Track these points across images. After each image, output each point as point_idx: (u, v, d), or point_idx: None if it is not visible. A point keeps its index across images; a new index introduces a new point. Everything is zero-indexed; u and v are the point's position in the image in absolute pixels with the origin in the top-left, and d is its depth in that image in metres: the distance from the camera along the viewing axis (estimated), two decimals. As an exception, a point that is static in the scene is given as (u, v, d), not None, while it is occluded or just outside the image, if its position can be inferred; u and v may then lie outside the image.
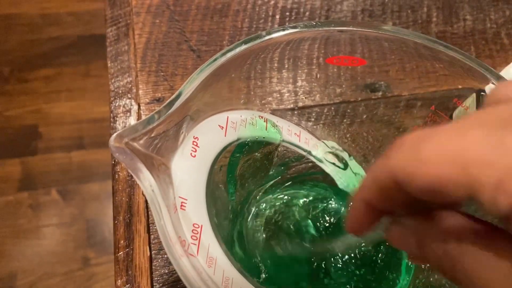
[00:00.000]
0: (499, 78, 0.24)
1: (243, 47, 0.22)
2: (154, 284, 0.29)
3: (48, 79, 1.16)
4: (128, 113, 0.35)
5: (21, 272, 0.90)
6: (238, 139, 0.26)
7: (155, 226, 0.32)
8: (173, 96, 0.21)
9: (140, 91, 0.36)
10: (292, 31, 0.23)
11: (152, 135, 0.20)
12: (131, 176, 0.33)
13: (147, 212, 0.32)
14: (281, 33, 0.23)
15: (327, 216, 0.29)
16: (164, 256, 0.30)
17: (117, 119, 0.35)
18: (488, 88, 0.27)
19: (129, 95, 0.36)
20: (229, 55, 0.23)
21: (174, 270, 0.30)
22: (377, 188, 0.15)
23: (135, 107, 0.36)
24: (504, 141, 0.11)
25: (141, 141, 0.19)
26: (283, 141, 0.29)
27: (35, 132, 1.08)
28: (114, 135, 0.18)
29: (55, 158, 1.05)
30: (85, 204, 1.00)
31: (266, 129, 0.28)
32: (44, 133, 1.08)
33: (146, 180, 0.18)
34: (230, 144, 0.26)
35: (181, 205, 0.21)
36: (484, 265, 0.12)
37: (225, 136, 0.25)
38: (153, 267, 0.30)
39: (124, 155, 0.18)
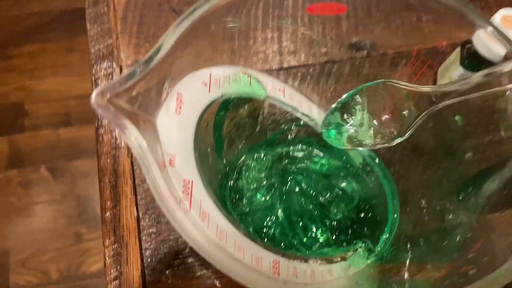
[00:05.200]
0: (489, 25, 0.24)
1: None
2: (143, 243, 0.30)
3: (32, 55, 1.13)
4: (110, 76, 0.35)
5: (14, 250, 0.90)
6: (222, 96, 0.26)
7: (142, 188, 0.32)
8: (152, 50, 0.20)
9: (122, 54, 0.35)
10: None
11: (134, 91, 0.19)
12: (116, 139, 0.33)
13: (133, 173, 0.32)
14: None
15: (316, 167, 0.30)
16: (152, 215, 0.30)
17: (99, 82, 0.34)
18: (476, 37, 0.27)
19: (110, 58, 0.35)
20: (207, 6, 0.22)
21: (162, 229, 0.30)
22: None
23: (117, 69, 0.35)
24: None
25: (124, 98, 0.18)
26: (268, 97, 0.29)
27: (21, 110, 1.06)
28: (95, 92, 0.17)
29: (42, 135, 1.04)
30: (75, 181, 0.99)
31: (250, 85, 0.27)
32: (30, 110, 1.07)
33: (132, 136, 0.17)
34: (214, 100, 0.25)
35: (170, 161, 0.21)
36: None
37: (209, 92, 0.25)
38: (140, 227, 0.30)
39: (108, 111, 0.17)
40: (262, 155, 0.30)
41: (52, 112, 1.06)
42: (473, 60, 0.32)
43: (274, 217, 0.27)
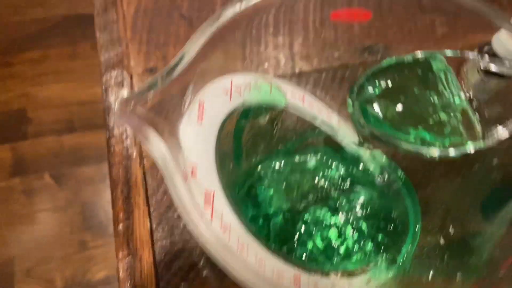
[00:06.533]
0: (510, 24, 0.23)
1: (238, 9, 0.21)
2: (156, 255, 0.29)
3: (34, 61, 1.13)
4: (121, 85, 0.34)
5: (18, 258, 0.90)
6: (243, 104, 0.25)
7: (154, 198, 0.31)
8: (175, 58, 0.20)
9: (132, 62, 0.35)
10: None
11: (157, 100, 0.19)
12: (127, 149, 0.32)
13: (145, 184, 0.31)
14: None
15: (334, 177, 0.29)
16: (165, 227, 0.30)
17: (110, 91, 0.34)
18: (496, 38, 0.26)
19: (120, 66, 0.35)
20: (225, 17, 0.22)
21: (176, 241, 0.30)
22: None
23: (128, 78, 0.34)
24: None
25: (147, 107, 0.18)
26: (288, 105, 0.28)
27: (24, 117, 1.06)
28: (119, 100, 0.17)
29: (46, 142, 1.03)
30: (79, 188, 0.99)
31: (270, 93, 0.27)
32: (33, 117, 1.06)
33: (156, 145, 0.17)
34: (236, 109, 0.25)
35: (192, 171, 0.20)
36: None
37: (230, 101, 0.25)
38: (154, 238, 0.29)
39: (132, 120, 0.17)
40: (281, 163, 0.29)
41: (55, 119, 1.06)
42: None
43: (293, 228, 0.27)
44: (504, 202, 0.23)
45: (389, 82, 0.26)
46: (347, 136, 0.31)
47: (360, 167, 0.30)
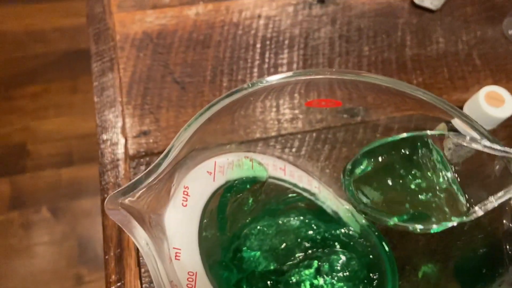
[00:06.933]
0: (462, 115, 0.25)
1: (227, 100, 0.23)
2: (146, 316, 0.30)
3: (35, 96, 1.16)
4: (115, 147, 0.36)
5: (15, 292, 0.91)
6: (226, 182, 0.27)
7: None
8: (163, 154, 0.22)
9: (127, 125, 0.37)
10: (273, 82, 0.25)
11: (145, 191, 0.20)
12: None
13: (137, 246, 0.33)
14: (262, 85, 0.24)
15: (316, 239, 0.31)
16: (154, 288, 0.31)
17: (105, 153, 0.36)
18: (455, 121, 0.28)
19: (115, 129, 0.37)
20: (213, 109, 0.24)
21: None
22: None
23: (122, 140, 0.37)
24: None
25: (134, 198, 0.20)
26: (270, 177, 0.30)
27: (23, 150, 1.08)
28: (108, 198, 0.19)
29: (44, 175, 1.05)
30: (76, 221, 1.00)
31: (252, 168, 0.29)
32: (32, 150, 1.08)
33: (141, 238, 0.19)
34: (219, 188, 0.27)
35: (176, 256, 0.22)
36: None
37: (214, 181, 0.27)
38: (144, 300, 0.31)
39: (119, 216, 0.19)
40: (265, 226, 0.31)
41: (54, 152, 1.08)
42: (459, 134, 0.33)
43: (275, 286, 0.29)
44: (477, 270, 0.24)
45: (377, 162, 0.28)
46: (327, 200, 0.33)
47: (341, 229, 0.32)
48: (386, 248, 0.32)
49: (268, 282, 0.30)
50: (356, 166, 0.29)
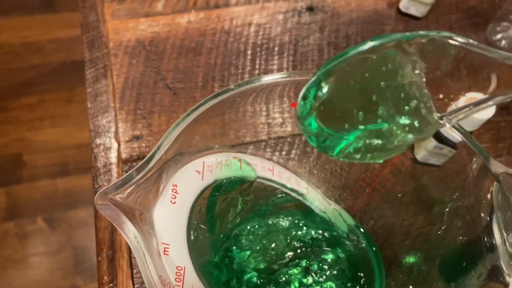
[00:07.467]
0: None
1: (214, 101, 0.24)
2: (138, 317, 0.31)
3: (31, 106, 1.16)
4: (108, 151, 0.37)
5: (10, 303, 0.90)
6: (215, 181, 0.28)
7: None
8: (151, 152, 0.22)
9: (120, 130, 0.38)
10: (259, 83, 0.25)
11: (134, 188, 0.21)
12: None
13: (129, 247, 0.33)
14: (249, 85, 0.25)
15: (304, 239, 0.32)
16: (146, 289, 0.32)
17: (98, 157, 0.37)
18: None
19: (108, 134, 0.38)
20: (201, 109, 0.25)
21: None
22: None
23: (115, 145, 0.37)
24: None
25: (124, 195, 0.21)
26: (258, 177, 0.31)
27: (19, 161, 1.08)
28: (98, 193, 0.20)
29: (40, 186, 1.05)
30: (72, 231, 1.00)
31: (240, 168, 0.30)
32: (28, 161, 1.09)
33: (130, 233, 0.20)
34: (207, 187, 0.28)
35: (164, 251, 0.23)
36: None
37: (202, 180, 0.27)
38: (136, 300, 0.31)
39: (109, 210, 0.20)
40: (254, 226, 0.32)
41: (50, 162, 1.09)
42: (442, 136, 0.34)
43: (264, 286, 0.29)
44: (459, 264, 0.25)
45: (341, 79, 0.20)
46: (315, 200, 0.34)
47: (329, 229, 0.33)
48: (373, 247, 0.33)
49: (258, 281, 0.30)
50: (317, 89, 0.21)
